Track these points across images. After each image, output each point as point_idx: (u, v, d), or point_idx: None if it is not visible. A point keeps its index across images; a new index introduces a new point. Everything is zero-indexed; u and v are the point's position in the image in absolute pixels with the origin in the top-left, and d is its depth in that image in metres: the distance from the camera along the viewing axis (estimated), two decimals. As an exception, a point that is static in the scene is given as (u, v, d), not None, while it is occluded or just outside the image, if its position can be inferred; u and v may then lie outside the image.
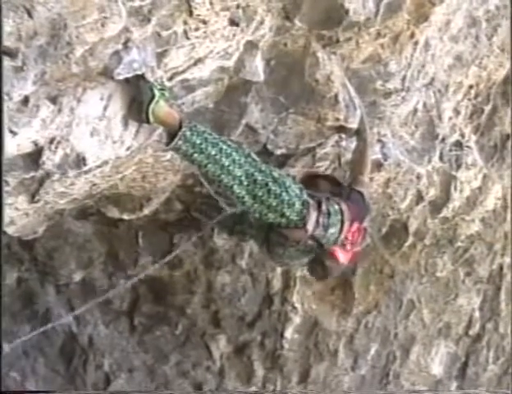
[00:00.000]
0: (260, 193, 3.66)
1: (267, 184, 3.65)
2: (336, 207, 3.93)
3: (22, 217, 3.68)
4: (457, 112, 5.69)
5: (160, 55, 3.33)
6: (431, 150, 5.68)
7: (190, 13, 3.29)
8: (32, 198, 3.51)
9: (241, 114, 4.12)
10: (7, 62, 2.70)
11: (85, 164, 3.42)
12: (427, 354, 7.54)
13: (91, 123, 3.30)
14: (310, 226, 3.80)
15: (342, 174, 4.92)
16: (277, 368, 6.80)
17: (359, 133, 4.59)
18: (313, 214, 3.80)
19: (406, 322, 7.17)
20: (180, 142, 3.45)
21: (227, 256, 6.07)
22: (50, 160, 3.27)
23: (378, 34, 4.40)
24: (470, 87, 5.63)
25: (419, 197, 5.99)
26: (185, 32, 3.35)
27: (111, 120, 3.37)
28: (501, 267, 7.48)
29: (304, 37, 4.05)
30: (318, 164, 4.91)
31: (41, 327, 4.20)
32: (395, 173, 5.52)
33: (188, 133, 3.44)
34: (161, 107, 3.33)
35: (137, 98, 3.35)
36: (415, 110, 5.31)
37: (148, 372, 6.56)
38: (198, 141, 3.48)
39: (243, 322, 6.54)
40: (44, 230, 4.40)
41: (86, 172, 3.50)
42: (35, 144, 3.15)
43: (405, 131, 5.37)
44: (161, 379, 6.59)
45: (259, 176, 3.64)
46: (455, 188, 6.15)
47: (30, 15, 2.63)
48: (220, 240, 5.78)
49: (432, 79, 5.21)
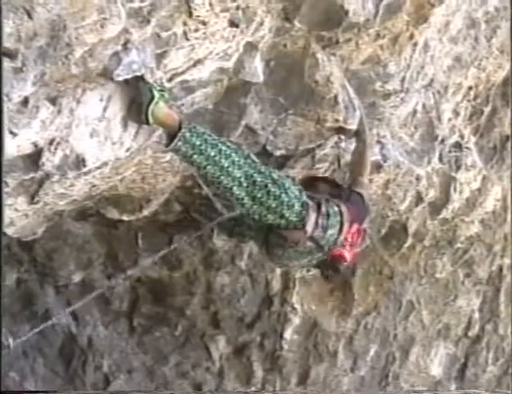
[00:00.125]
0: (259, 194, 3.65)
1: (267, 185, 3.65)
2: (336, 208, 3.92)
3: (22, 218, 3.68)
4: (456, 114, 5.69)
5: (159, 56, 3.33)
6: (430, 151, 5.68)
7: (190, 14, 3.28)
8: (31, 199, 3.51)
9: (240, 115, 4.12)
10: (7, 63, 2.70)
11: (85, 165, 3.42)
12: (427, 355, 7.54)
13: (91, 124, 3.30)
14: (309, 227, 3.79)
15: (342, 175, 4.92)
16: (277, 369, 6.80)
17: (359, 134, 4.59)
18: (313, 215, 3.80)
19: (405, 323, 7.17)
20: (179, 143, 3.44)
21: (227, 257, 6.07)
22: (50, 161, 3.27)
23: (378, 36, 4.40)
24: (469, 88, 5.64)
25: (419, 198, 5.99)
26: (185, 33, 3.35)
27: (110, 121, 3.37)
28: (501, 268, 7.48)
29: (304, 38, 4.05)
30: (318, 165, 4.91)
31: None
32: (395, 174, 5.52)
33: (187, 134, 3.44)
34: (160, 108, 3.33)
35: (136, 100, 3.35)
36: (414, 111, 5.31)
37: (147, 373, 6.55)
38: (197, 142, 3.47)
39: (242, 323, 6.53)
40: (44, 231, 4.40)
41: (86, 174, 3.50)
42: (35, 145, 3.15)
43: (405, 132, 5.37)
44: (160, 380, 6.59)
45: (259, 178, 3.64)
46: (455, 189, 6.15)
47: (30, 16, 2.63)
48: (219, 241, 5.78)
49: (432, 80, 5.21)
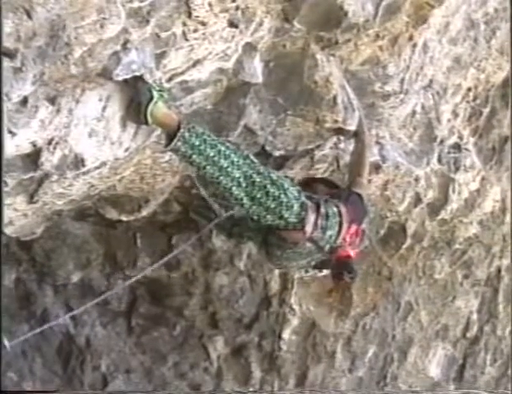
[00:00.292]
0: (259, 195, 3.65)
1: (266, 186, 3.65)
2: (335, 209, 3.92)
3: (20, 217, 3.68)
4: (455, 115, 5.69)
5: (159, 56, 3.33)
6: (429, 152, 5.68)
7: (189, 15, 3.28)
8: (30, 198, 3.52)
9: (240, 115, 4.12)
10: (6, 63, 2.69)
11: (84, 165, 3.42)
12: (425, 356, 7.53)
13: (89, 124, 3.30)
14: (309, 228, 3.79)
15: (340, 176, 4.92)
16: (275, 369, 6.79)
17: (358, 135, 4.59)
18: (312, 216, 3.80)
19: (404, 324, 7.17)
20: (178, 143, 3.44)
21: (225, 257, 6.07)
22: (48, 161, 3.27)
23: (377, 36, 4.39)
24: (469, 89, 5.63)
25: (417, 199, 5.98)
26: (184, 33, 3.35)
27: (109, 121, 3.37)
28: (499, 269, 7.48)
29: (303, 39, 4.05)
30: (317, 166, 4.91)
31: (39, 327, 4.20)
32: (394, 175, 5.51)
33: (186, 134, 3.44)
34: (159, 108, 3.33)
35: (135, 100, 3.35)
36: (414, 112, 5.30)
37: (145, 373, 6.55)
38: (196, 142, 3.47)
39: (241, 323, 6.53)
40: (42, 230, 4.41)
41: (84, 173, 3.50)
42: (34, 145, 3.15)
43: (404, 133, 5.37)
44: (158, 380, 6.58)
45: (258, 178, 3.64)
46: (454, 190, 6.15)
47: (29, 16, 2.63)
48: (218, 241, 5.78)
49: (431, 81, 5.21)
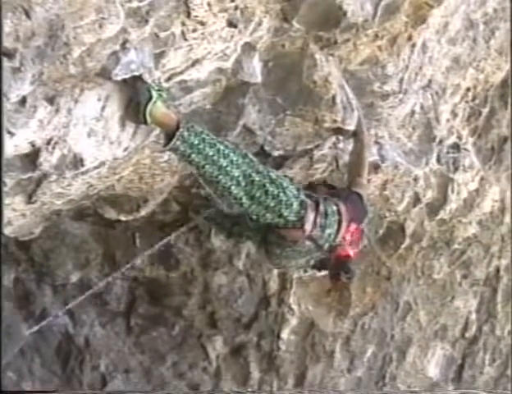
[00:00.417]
0: (258, 194, 3.65)
1: (265, 185, 3.65)
2: (334, 207, 3.92)
3: (19, 217, 3.68)
4: (454, 115, 5.69)
5: (158, 56, 3.33)
6: (428, 152, 5.68)
7: (188, 14, 3.28)
8: (29, 198, 3.51)
9: (239, 115, 4.12)
10: (5, 63, 2.69)
11: (82, 165, 3.42)
12: (424, 356, 7.54)
13: (88, 124, 3.30)
14: (308, 226, 3.79)
15: (340, 176, 4.92)
16: (274, 369, 6.79)
17: (357, 135, 4.59)
18: (311, 214, 3.79)
19: (403, 324, 7.17)
20: (178, 143, 3.44)
21: (224, 257, 6.07)
22: (47, 161, 3.27)
23: (376, 36, 4.39)
24: (468, 89, 5.64)
25: (416, 199, 5.98)
26: (183, 33, 3.35)
27: (108, 121, 3.37)
28: (498, 269, 7.49)
29: (302, 38, 4.05)
30: (316, 166, 4.91)
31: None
32: (393, 175, 5.51)
33: (185, 133, 3.43)
34: (158, 108, 3.33)
35: (134, 99, 3.35)
36: (413, 112, 5.30)
37: (144, 373, 6.54)
38: (195, 142, 3.47)
39: (239, 323, 6.53)
40: (41, 230, 4.40)
41: (83, 173, 3.50)
42: (32, 145, 3.15)
43: (403, 133, 5.37)
44: (157, 380, 6.58)
45: (257, 177, 3.64)
46: (452, 190, 6.15)
47: (28, 15, 2.63)
48: (217, 241, 5.77)
49: (430, 81, 5.21)
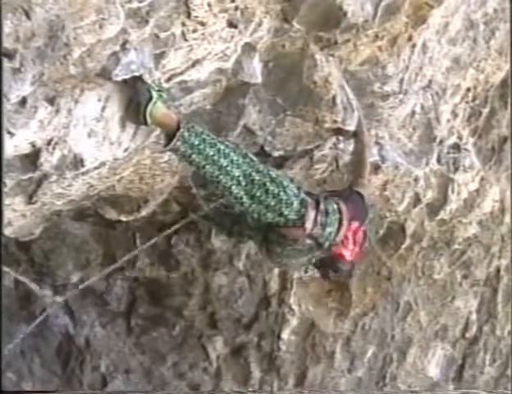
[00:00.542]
0: (258, 193, 3.65)
1: (265, 184, 3.65)
2: (335, 206, 3.90)
3: (19, 218, 3.68)
4: (455, 115, 5.69)
5: (158, 56, 3.33)
6: (428, 153, 5.68)
7: (188, 15, 3.28)
8: (29, 199, 3.51)
9: (239, 116, 4.12)
10: (5, 63, 2.69)
11: (83, 165, 3.42)
12: (424, 356, 7.53)
13: (89, 124, 3.30)
14: (308, 224, 3.79)
15: (340, 176, 4.92)
16: (274, 369, 6.79)
17: (357, 135, 4.59)
18: (312, 213, 3.78)
19: (403, 324, 7.17)
20: (178, 143, 3.43)
21: (224, 257, 6.07)
22: (48, 161, 3.27)
23: (376, 37, 4.39)
24: (468, 90, 5.63)
25: (417, 199, 5.98)
26: (183, 34, 3.35)
27: (108, 121, 3.37)
28: (498, 269, 7.48)
29: (302, 39, 4.05)
30: (316, 166, 4.91)
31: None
32: (393, 175, 5.52)
33: (186, 134, 3.43)
34: (158, 108, 3.33)
35: (135, 100, 3.35)
36: (413, 112, 5.31)
37: (144, 373, 6.55)
38: (196, 142, 3.47)
39: (240, 323, 6.53)
40: (41, 231, 4.40)
41: (84, 174, 3.50)
42: (33, 145, 3.15)
43: (403, 134, 5.37)
44: (158, 380, 6.58)
45: (257, 176, 3.63)
46: (453, 190, 6.15)
47: (28, 16, 2.63)
48: (217, 241, 5.78)
49: (430, 81, 5.21)
